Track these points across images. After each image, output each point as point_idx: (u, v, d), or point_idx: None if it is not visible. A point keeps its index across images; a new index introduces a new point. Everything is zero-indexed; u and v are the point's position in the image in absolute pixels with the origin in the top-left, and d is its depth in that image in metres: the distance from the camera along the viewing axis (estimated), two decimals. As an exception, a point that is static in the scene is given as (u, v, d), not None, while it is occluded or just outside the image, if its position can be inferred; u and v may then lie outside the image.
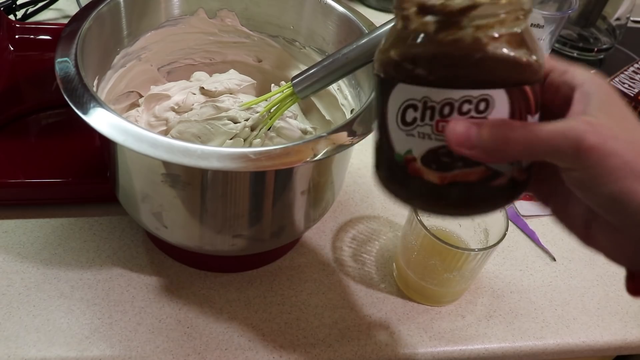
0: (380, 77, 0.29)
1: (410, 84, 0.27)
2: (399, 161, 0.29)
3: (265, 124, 0.49)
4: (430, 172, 0.28)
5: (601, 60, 0.90)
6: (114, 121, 0.37)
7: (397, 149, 0.29)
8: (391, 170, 0.30)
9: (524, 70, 0.27)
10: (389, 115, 0.29)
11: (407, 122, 0.28)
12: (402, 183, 0.30)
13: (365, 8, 0.92)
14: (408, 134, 0.28)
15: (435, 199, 0.29)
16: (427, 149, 0.28)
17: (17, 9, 0.73)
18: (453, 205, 0.29)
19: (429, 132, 0.27)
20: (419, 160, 0.28)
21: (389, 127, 0.29)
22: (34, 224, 0.51)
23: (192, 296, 0.48)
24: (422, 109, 0.27)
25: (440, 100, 0.27)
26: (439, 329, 0.49)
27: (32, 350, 0.43)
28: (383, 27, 0.42)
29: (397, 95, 0.28)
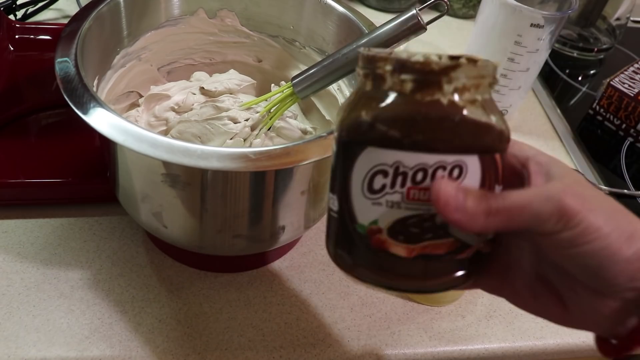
0: (343, 142, 0.27)
1: (381, 148, 0.26)
2: (361, 233, 0.27)
3: (265, 124, 0.49)
4: (397, 245, 0.27)
5: (601, 60, 0.90)
6: (114, 121, 0.37)
7: (359, 220, 0.27)
8: (349, 243, 0.28)
9: (497, 137, 0.26)
10: (353, 182, 0.27)
11: (375, 189, 0.26)
12: (361, 257, 0.28)
13: (365, 8, 0.92)
14: (374, 203, 0.26)
15: (397, 273, 0.27)
16: (396, 218, 0.26)
17: (17, 9, 0.73)
18: (417, 280, 0.28)
19: (399, 200, 0.26)
20: (385, 232, 0.27)
21: (351, 195, 0.27)
22: (34, 224, 0.51)
23: (192, 296, 0.48)
24: (392, 175, 0.26)
25: (414, 165, 0.25)
26: (439, 329, 0.49)
27: (32, 350, 0.43)
28: (383, 26, 0.43)
29: (365, 161, 0.26)
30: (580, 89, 0.83)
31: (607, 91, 0.73)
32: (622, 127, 0.73)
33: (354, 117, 0.27)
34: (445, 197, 0.25)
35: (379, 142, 0.26)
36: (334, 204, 0.28)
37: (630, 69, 0.76)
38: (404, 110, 0.25)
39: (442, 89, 0.25)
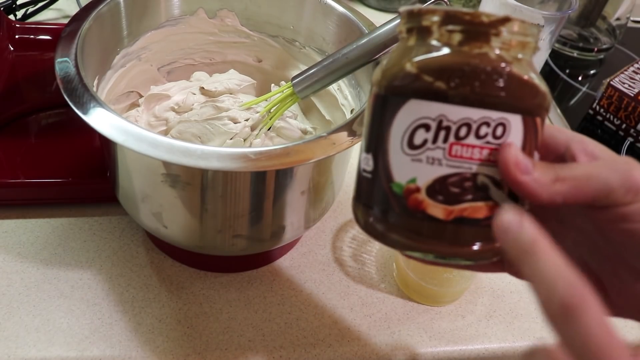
0: (381, 96, 0.27)
1: (425, 100, 0.25)
2: (397, 192, 0.26)
3: (265, 124, 0.49)
4: (435, 206, 0.25)
5: (601, 60, 0.90)
6: (114, 121, 0.37)
7: (396, 178, 0.26)
8: (382, 204, 0.27)
9: (541, 99, 0.26)
10: (392, 138, 0.26)
11: (416, 144, 0.25)
12: (395, 220, 0.26)
13: (365, 8, 0.92)
14: (414, 159, 0.25)
15: (432, 237, 0.26)
16: (436, 176, 0.25)
17: (17, 9, 0.73)
18: (451, 246, 0.26)
19: (440, 156, 0.25)
20: (423, 191, 0.25)
21: (389, 152, 0.26)
22: (34, 224, 0.51)
23: (192, 296, 0.48)
24: (435, 129, 0.25)
25: (458, 119, 0.25)
26: (439, 329, 0.49)
27: (32, 350, 0.43)
28: (383, 27, 0.43)
29: (407, 114, 0.25)
30: (580, 89, 0.83)
31: (607, 91, 0.73)
32: (622, 127, 0.73)
33: (397, 69, 0.26)
34: (515, 158, 0.24)
35: (423, 94, 0.25)
36: (367, 164, 0.27)
37: (630, 69, 0.76)
38: (451, 61, 0.25)
39: (490, 42, 0.25)
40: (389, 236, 0.27)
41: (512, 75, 0.25)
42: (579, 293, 0.21)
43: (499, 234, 0.24)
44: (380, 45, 0.42)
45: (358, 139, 0.39)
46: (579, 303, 0.21)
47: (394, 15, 0.43)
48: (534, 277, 0.23)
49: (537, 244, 0.23)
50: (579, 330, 0.21)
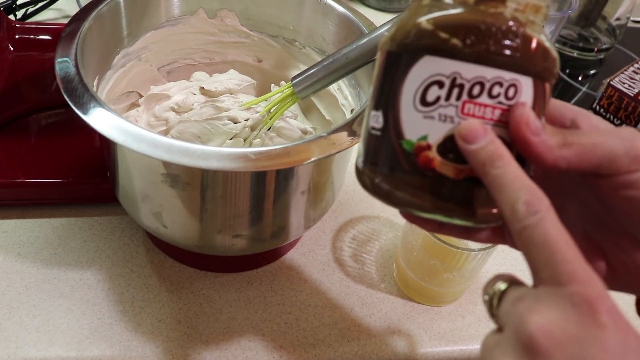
0: (394, 53, 0.26)
1: (440, 57, 0.25)
2: (407, 150, 0.26)
3: (265, 124, 0.49)
4: (445, 163, 0.25)
5: (601, 60, 0.90)
6: (114, 121, 0.37)
7: (407, 135, 0.26)
8: (391, 163, 0.26)
9: (552, 64, 0.26)
10: (404, 94, 0.26)
11: (428, 101, 0.25)
12: (403, 178, 0.26)
13: (365, 8, 0.92)
14: (426, 116, 0.25)
15: (441, 196, 0.26)
16: (448, 134, 0.25)
17: (17, 9, 0.73)
18: (460, 206, 0.26)
19: (453, 114, 0.25)
20: (434, 148, 0.25)
21: (400, 108, 0.26)
22: (34, 224, 0.51)
23: (192, 296, 0.48)
24: (449, 87, 0.25)
25: (472, 77, 0.25)
26: (439, 329, 0.49)
27: (32, 350, 0.43)
28: (383, 27, 0.42)
29: (420, 70, 0.25)
30: (580, 89, 0.83)
31: (607, 91, 0.73)
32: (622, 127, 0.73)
33: (412, 26, 0.26)
34: (527, 117, 0.25)
35: (438, 51, 0.25)
36: (377, 121, 0.27)
37: (630, 69, 0.76)
38: (468, 18, 0.25)
39: (505, 2, 0.25)
40: (395, 194, 0.27)
41: (526, 36, 0.25)
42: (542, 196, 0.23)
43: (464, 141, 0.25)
44: (380, 45, 0.42)
45: (358, 139, 0.38)
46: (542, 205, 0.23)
47: (394, 15, 0.43)
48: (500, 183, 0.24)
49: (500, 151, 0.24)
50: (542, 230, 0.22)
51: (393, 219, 0.57)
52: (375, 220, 0.57)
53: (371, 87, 0.28)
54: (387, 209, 0.58)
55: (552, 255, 0.22)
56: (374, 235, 0.56)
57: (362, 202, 0.59)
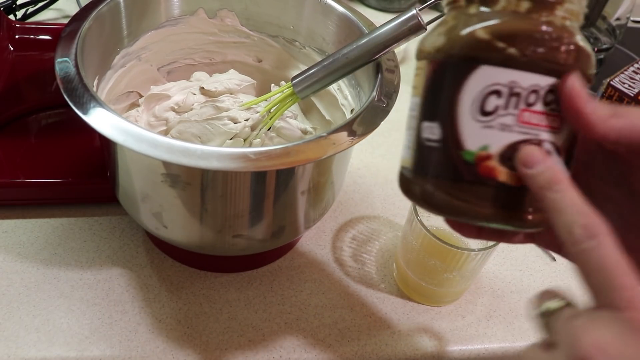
0: (448, 63, 0.26)
1: (498, 66, 0.25)
2: (468, 160, 0.26)
3: (265, 124, 0.49)
4: (507, 172, 0.25)
5: (601, 60, 0.90)
6: (114, 121, 0.37)
7: (467, 146, 0.26)
8: (452, 172, 0.26)
9: (593, 68, 0.26)
10: (461, 105, 0.25)
11: (487, 111, 0.25)
12: (464, 189, 0.26)
13: (365, 8, 0.92)
14: (486, 126, 0.25)
15: (503, 205, 0.26)
16: (508, 143, 0.25)
17: (17, 9, 0.73)
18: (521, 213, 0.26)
19: (512, 122, 0.25)
20: (495, 158, 0.25)
21: (458, 119, 0.25)
22: (34, 224, 0.51)
23: (192, 296, 0.48)
24: (507, 96, 0.25)
25: (528, 86, 0.25)
26: (439, 329, 0.49)
27: (32, 350, 0.43)
28: (383, 27, 0.42)
29: (478, 80, 0.25)
30: (580, 89, 0.83)
31: (607, 91, 0.73)
32: (622, 127, 0.73)
33: (467, 35, 0.25)
34: (580, 89, 0.25)
35: (495, 60, 0.25)
36: (432, 132, 0.26)
37: (630, 69, 0.76)
38: (523, 27, 0.25)
39: (554, 10, 0.25)
40: (453, 204, 0.26)
41: (574, 43, 0.25)
42: (599, 221, 0.23)
43: (524, 166, 0.25)
44: (380, 45, 0.42)
45: (358, 139, 0.38)
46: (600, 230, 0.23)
47: (394, 15, 0.43)
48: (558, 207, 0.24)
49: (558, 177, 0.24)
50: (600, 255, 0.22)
51: (393, 219, 0.57)
52: (375, 220, 0.57)
53: (417, 97, 0.28)
54: (387, 209, 0.58)
55: (610, 280, 0.22)
56: (374, 235, 0.56)
57: (362, 202, 0.59)
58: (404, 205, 0.59)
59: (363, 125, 0.39)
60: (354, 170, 0.62)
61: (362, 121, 0.40)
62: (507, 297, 0.52)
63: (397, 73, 0.45)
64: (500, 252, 0.56)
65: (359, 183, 0.61)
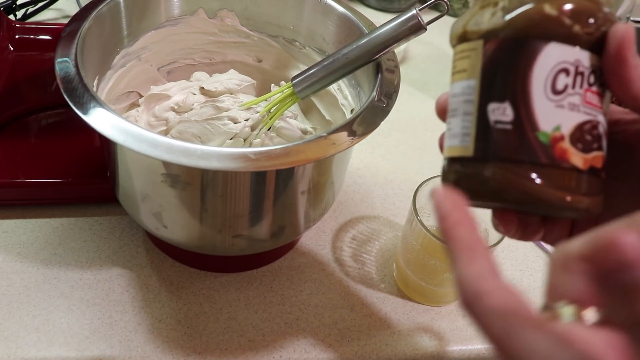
0: (515, 40, 0.25)
1: (565, 44, 0.24)
2: (544, 142, 0.24)
3: (265, 124, 0.49)
4: (577, 154, 0.25)
5: (601, 60, 0.90)
6: (114, 121, 0.37)
7: (542, 127, 0.24)
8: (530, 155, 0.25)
9: None
10: (534, 83, 0.24)
11: (558, 90, 0.24)
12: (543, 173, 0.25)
13: (365, 8, 0.92)
14: (558, 105, 0.24)
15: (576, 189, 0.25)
16: (577, 123, 0.25)
17: (17, 9, 0.73)
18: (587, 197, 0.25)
19: (579, 102, 0.25)
20: (567, 139, 0.24)
21: (532, 99, 0.24)
22: (34, 224, 0.51)
23: (192, 296, 0.48)
24: (574, 74, 0.24)
25: (589, 65, 0.25)
26: (439, 329, 0.49)
27: (32, 350, 0.43)
28: (383, 27, 0.42)
29: (549, 58, 0.24)
30: (580, 89, 0.83)
31: (607, 91, 0.73)
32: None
33: (534, 11, 0.25)
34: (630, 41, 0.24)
35: (563, 38, 0.24)
36: (504, 114, 0.25)
37: (630, 69, 0.76)
38: (588, 6, 0.25)
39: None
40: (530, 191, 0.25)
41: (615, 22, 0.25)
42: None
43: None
44: (380, 45, 0.42)
45: (358, 139, 0.38)
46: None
47: (394, 15, 0.43)
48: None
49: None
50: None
51: (393, 219, 0.57)
52: (375, 220, 0.57)
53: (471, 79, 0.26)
54: (387, 209, 0.58)
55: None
56: (374, 235, 0.56)
57: (362, 202, 0.59)
58: (404, 205, 0.59)
59: (363, 125, 0.39)
60: (354, 170, 0.62)
61: (362, 121, 0.40)
62: (507, 297, 0.52)
63: (397, 73, 0.45)
64: (500, 252, 0.56)
65: (359, 183, 0.61)
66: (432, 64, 0.82)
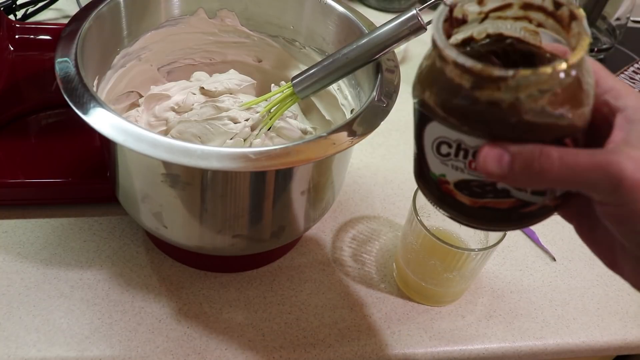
0: (416, 107, 0.29)
1: (445, 126, 0.27)
2: (434, 179, 0.30)
3: (266, 124, 0.49)
4: (463, 196, 0.29)
5: (601, 60, 0.90)
6: (114, 121, 0.37)
7: (432, 170, 0.30)
8: (427, 182, 0.31)
9: (565, 128, 0.25)
10: (425, 141, 0.29)
11: (442, 154, 0.28)
12: (436, 195, 0.31)
13: (365, 8, 0.92)
14: (442, 162, 0.29)
15: (465, 215, 0.30)
16: (460, 179, 0.28)
17: (17, 9, 0.73)
18: (483, 223, 0.31)
19: (462, 166, 0.28)
20: (451, 184, 0.29)
21: (425, 149, 0.29)
22: (34, 224, 0.51)
23: (192, 296, 0.48)
24: (455, 148, 0.27)
25: (474, 145, 0.26)
26: (439, 329, 0.49)
27: (32, 350, 0.43)
28: (383, 27, 0.42)
29: (432, 130, 0.28)
30: (580, 89, 0.83)
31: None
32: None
33: (422, 94, 0.28)
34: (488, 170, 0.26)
35: (441, 121, 0.27)
36: (416, 149, 0.31)
37: (630, 69, 0.76)
38: (463, 103, 0.25)
39: (500, 90, 0.24)
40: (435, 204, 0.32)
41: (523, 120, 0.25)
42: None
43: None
44: (380, 45, 0.42)
45: (358, 139, 0.38)
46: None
47: (394, 15, 0.43)
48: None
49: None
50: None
51: (393, 219, 0.57)
52: (375, 220, 0.57)
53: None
54: (387, 209, 0.58)
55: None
56: (374, 235, 0.56)
57: (362, 202, 0.59)
58: (404, 205, 0.59)
59: (363, 125, 0.39)
60: (354, 170, 0.62)
61: (362, 121, 0.40)
62: (507, 297, 0.52)
63: (397, 73, 0.45)
64: (500, 252, 0.56)
65: (359, 183, 0.61)
66: (432, 64, 0.81)
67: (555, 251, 0.57)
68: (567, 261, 0.56)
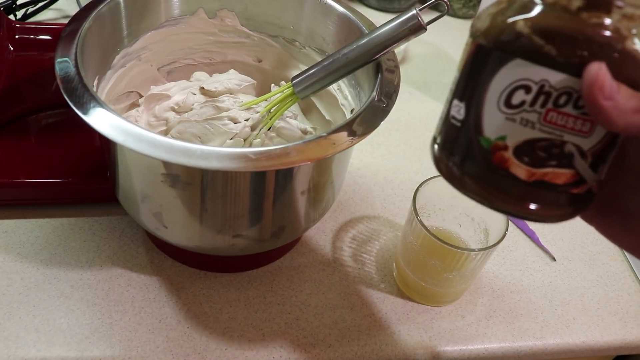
0: (486, 48, 0.26)
1: (532, 62, 0.24)
2: (484, 146, 0.26)
3: (266, 124, 0.49)
4: (520, 166, 0.26)
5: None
6: (114, 121, 0.37)
7: (486, 133, 0.26)
8: (466, 154, 0.27)
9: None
10: (490, 92, 0.26)
11: (512, 104, 0.25)
12: (475, 171, 0.27)
13: (365, 8, 0.92)
14: (508, 118, 0.25)
15: (509, 194, 0.27)
16: (526, 138, 0.25)
17: (17, 9, 0.73)
18: (525, 206, 0.27)
19: (535, 120, 0.25)
20: (510, 150, 0.26)
21: (484, 105, 0.26)
22: (34, 224, 0.51)
23: (192, 296, 0.48)
24: (535, 93, 0.25)
25: (561, 87, 0.24)
26: (439, 329, 0.49)
27: (32, 350, 0.43)
28: (383, 27, 0.42)
29: (510, 72, 0.25)
30: (580, 89, 0.83)
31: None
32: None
33: (508, 24, 0.25)
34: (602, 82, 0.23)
35: (530, 56, 0.24)
36: (458, 112, 0.27)
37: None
38: (567, 27, 0.24)
39: (610, 12, 0.23)
40: (464, 182, 0.28)
41: (625, 51, 0.24)
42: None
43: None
44: (380, 45, 0.42)
45: (358, 139, 0.38)
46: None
47: (394, 15, 0.43)
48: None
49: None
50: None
51: (393, 219, 0.57)
52: (375, 220, 0.57)
53: (457, 72, 0.28)
54: (387, 209, 0.58)
55: None
56: (374, 235, 0.56)
57: (362, 202, 0.59)
58: (404, 205, 0.59)
59: (363, 125, 0.39)
60: (354, 170, 0.62)
61: (362, 121, 0.40)
62: (507, 297, 0.52)
63: (397, 73, 0.45)
64: (500, 252, 0.56)
65: (359, 183, 0.61)
66: (432, 64, 0.82)
67: (555, 251, 0.57)
68: (567, 261, 0.56)
